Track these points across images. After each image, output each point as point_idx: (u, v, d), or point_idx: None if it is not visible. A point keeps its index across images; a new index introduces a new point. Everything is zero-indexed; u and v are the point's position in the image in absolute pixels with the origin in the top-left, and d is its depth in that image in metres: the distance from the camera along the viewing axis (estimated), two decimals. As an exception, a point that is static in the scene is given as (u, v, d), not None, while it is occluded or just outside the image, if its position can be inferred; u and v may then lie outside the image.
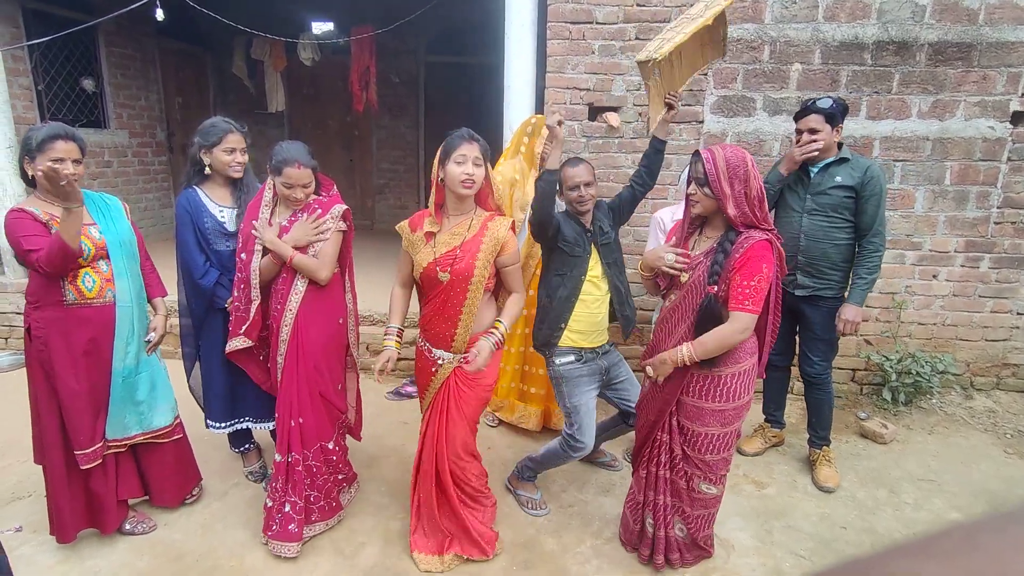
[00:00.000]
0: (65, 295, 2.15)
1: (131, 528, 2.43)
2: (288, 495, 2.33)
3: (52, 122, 2.18)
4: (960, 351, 3.76)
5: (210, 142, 2.43)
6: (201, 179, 2.51)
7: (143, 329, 2.35)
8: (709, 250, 2.00)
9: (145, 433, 2.40)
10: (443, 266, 2.09)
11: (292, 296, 2.28)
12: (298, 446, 2.33)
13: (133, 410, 2.35)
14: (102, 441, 2.29)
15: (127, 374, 2.29)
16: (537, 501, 2.68)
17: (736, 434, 2.11)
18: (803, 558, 2.39)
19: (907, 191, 3.54)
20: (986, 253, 3.61)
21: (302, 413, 2.32)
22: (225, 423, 2.70)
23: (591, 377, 2.49)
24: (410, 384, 3.82)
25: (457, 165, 2.04)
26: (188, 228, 2.46)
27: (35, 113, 4.84)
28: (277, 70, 6.87)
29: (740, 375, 2.02)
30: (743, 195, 1.90)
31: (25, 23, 4.79)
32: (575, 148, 3.55)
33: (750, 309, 1.89)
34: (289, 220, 2.30)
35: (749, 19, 3.38)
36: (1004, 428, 3.44)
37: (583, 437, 2.45)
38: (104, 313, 2.21)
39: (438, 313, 2.15)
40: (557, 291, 2.42)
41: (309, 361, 2.31)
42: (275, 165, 2.20)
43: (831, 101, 2.64)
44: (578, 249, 2.42)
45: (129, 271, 2.27)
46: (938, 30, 3.33)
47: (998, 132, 3.43)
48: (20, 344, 4.27)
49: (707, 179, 1.92)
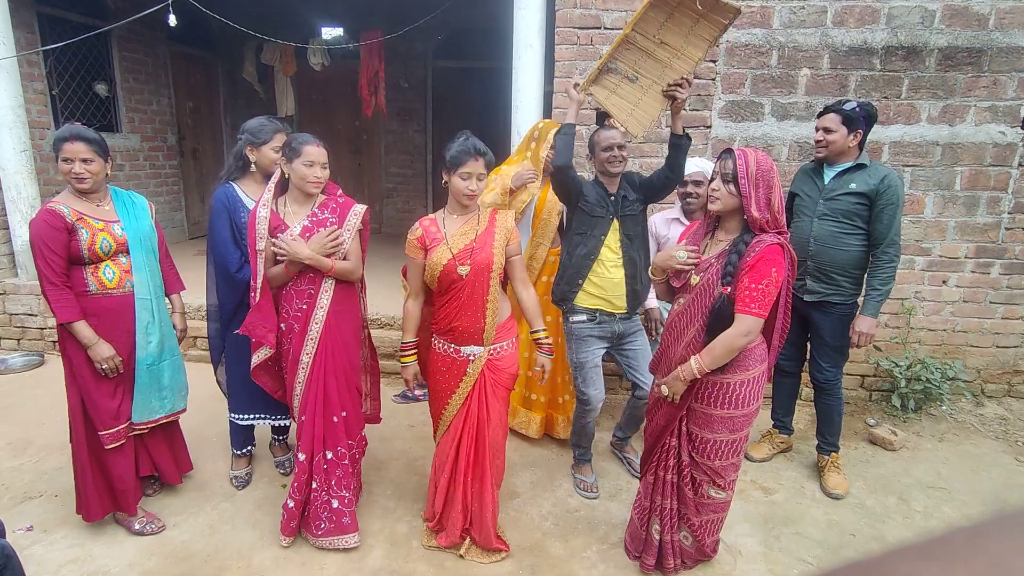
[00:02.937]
0: (88, 286, 2.27)
1: (140, 528, 2.46)
2: (333, 491, 2.36)
3: (69, 124, 2.28)
4: (970, 357, 3.73)
5: (260, 140, 2.51)
6: (239, 176, 2.57)
7: (164, 319, 2.48)
8: (720, 253, 2.00)
9: (169, 416, 2.55)
10: (461, 260, 2.15)
11: (322, 295, 2.30)
12: (343, 439, 2.38)
13: (158, 395, 2.48)
14: (127, 423, 2.41)
15: (151, 362, 2.43)
16: (590, 484, 2.81)
17: (745, 439, 2.11)
18: (811, 565, 2.38)
19: (917, 196, 3.52)
20: (997, 259, 3.58)
21: (344, 407, 2.39)
22: (248, 415, 2.75)
23: (600, 339, 2.65)
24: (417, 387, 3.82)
25: (462, 180, 2.13)
26: (224, 222, 2.51)
27: (49, 117, 4.90)
28: (287, 75, 6.92)
29: (749, 382, 2.01)
30: (766, 201, 1.90)
31: (40, 28, 4.86)
32: (582, 153, 3.55)
33: (755, 312, 1.88)
34: (309, 217, 2.28)
35: (757, 24, 3.38)
36: (1015, 436, 3.41)
37: (587, 388, 2.65)
38: (124, 302, 2.35)
39: (463, 309, 2.19)
40: (576, 249, 2.55)
41: (343, 356, 2.36)
42: (293, 147, 2.20)
43: (855, 104, 2.61)
44: (599, 210, 2.57)
45: (148, 265, 2.41)
46: (948, 35, 3.31)
47: (1009, 137, 3.41)
48: (33, 345, 4.32)
49: (735, 176, 1.92)
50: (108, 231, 2.28)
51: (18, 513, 2.55)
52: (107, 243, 2.26)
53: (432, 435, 2.49)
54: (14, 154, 4.04)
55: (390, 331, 4.06)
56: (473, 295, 2.18)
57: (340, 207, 2.33)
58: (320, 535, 2.36)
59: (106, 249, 2.26)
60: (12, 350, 4.35)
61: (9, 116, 4.00)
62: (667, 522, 2.20)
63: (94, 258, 2.26)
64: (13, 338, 4.39)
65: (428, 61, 7.15)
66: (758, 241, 1.90)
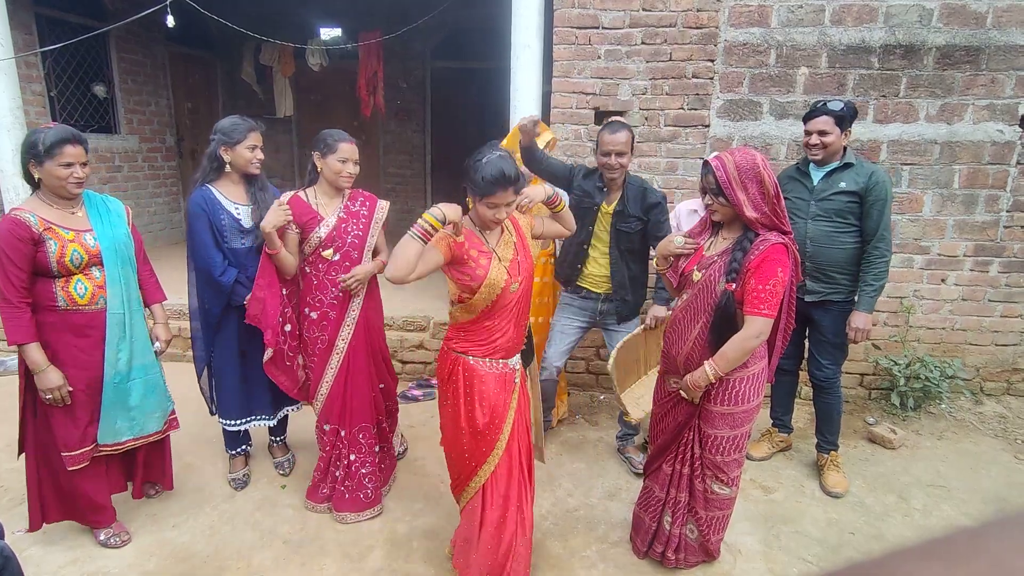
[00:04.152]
0: (57, 300, 2.13)
1: (105, 540, 2.38)
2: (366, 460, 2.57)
3: (56, 124, 2.15)
4: (969, 356, 3.73)
5: (233, 140, 2.46)
6: (215, 177, 2.52)
7: (136, 335, 2.31)
8: (724, 250, 2.00)
9: (136, 439, 2.37)
10: (513, 275, 1.97)
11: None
12: (382, 409, 2.66)
13: (125, 415, 2.31)
14: (92, 444, 2.27)
15: (118, 380, 2.26)
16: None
17: (747, 436, 2.11)
18: (810, 564, 2.38)
19: (915, 195, 3.52)
20: (996, 257, 3.59)
21: (382, 379, 2.68)
22: (240, 420, 2.73)
23: (580, 311, 2.90)
24: (416, 388, 3.83)
25: (489, 209, 1.87)
26: (204, 226, 2.46)
27: (48, 119, 4.89)
28: (285, 75, 6.92)
29: (749, 379, 2.02)
30: (759, 196, 1.89)
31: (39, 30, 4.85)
32: (581, 152, 3.56)
33: (765, 313, 1.88)
34: (343, 209, 2.51)
35: (755, 23, 3.38)
36: (1014, 434, 3.41)
37: (547, 350, 2.92)
38: (95, 319, 2.20)
39: (517, 321, 2.01)
40: (577, 235, 2.61)
41: (378, 336, 2.66)
42: (328, 144, 2.37)
43: (841, 104, 2.63)
44: (587, 200, 2.74)
45: (123, 277, 2.25)
46: (945, 33, 3.31)
47: (1007, 135, 3.41)
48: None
49: (720, 187, 1.91)
50: (79, 242, 2.12)
51: (18, 515, 2.55)
52: (78, 255, 2.11)
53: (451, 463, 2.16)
54: (12, 156, 4.03)
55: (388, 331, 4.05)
56: (524, 308, 2.04)
57: (368, 200, 2.57)
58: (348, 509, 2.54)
59: (77, 262, 2.11)
60: (12, 352, 4.35)
61: (7, 118, 3.99)
62: (679, 515, 2.21)
63: (63, 271, 2.10)
64: (12, 340, 4.39)
65: (427, 61, 7.15)
66: (762, 240, 1.90)
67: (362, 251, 2.52)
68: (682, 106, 3.49)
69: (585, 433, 3.34)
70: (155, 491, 2.67)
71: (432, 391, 3.78)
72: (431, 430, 3.20)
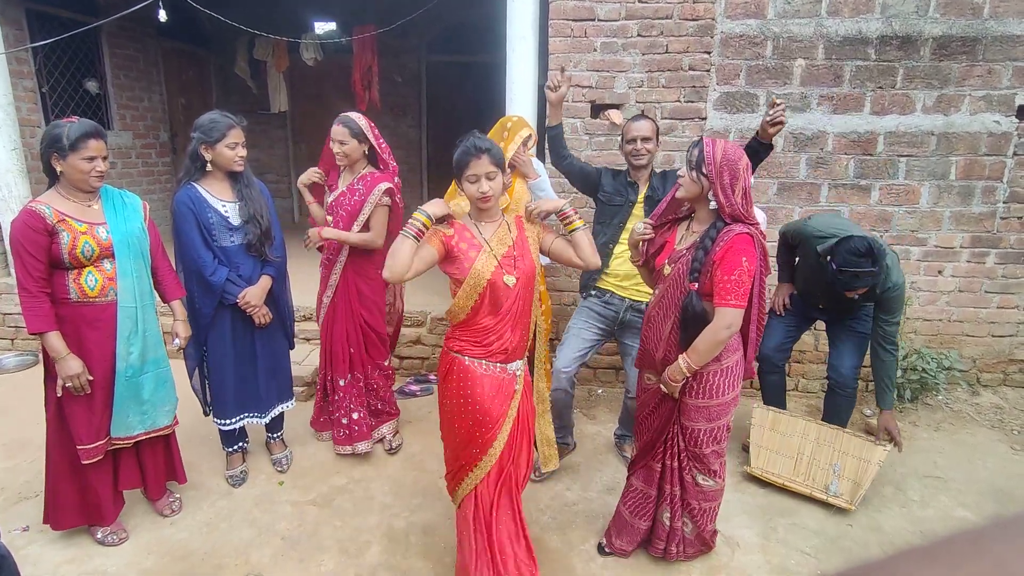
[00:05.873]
0: (69, 293, 2.16)
1: (102, 538, 2.37)
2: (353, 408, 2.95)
3: (77, 119, 2.16)
4: (966, 347, 3.74)
5: (213, 138, 2.42)
6: (199, 175, 2.49)
7: (148, 329, 2.32)
8: (692, 245, 2.01)
9: (148, 432, 2.39)
10: (507, 269, 1.93)
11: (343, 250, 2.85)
12: (360, 367, 2.97)
13: (137, 409, 2.33)
14: (106, 438, 2.29)
15: (131, 374, 2.28)
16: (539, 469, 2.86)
17: (727, 428, 2.12)
18: (808, 555, 2.39)
19: (912, 186, 3.52)
20: (992, 248, 3.59)
21: (351, 343, 2.94)
22: (233, 419, 2.71)
23: (599, 316, 2.75)
24: (414, 383, 3.83)
25: (470, 184, 1.91)
26: (191, 225, 2.43)
27: (40, 115, 4.85)
28: (279, 70, 6.87)
29: (724, 372, 2.02)
30: (730, 187, 1.91)
31: (29, 25, 4.80)
32: (578, 145, 3.54)
33: (734, 304, 1.88)
34: (349, 185, 2.80)
35: (752, 15, 3.36)
36: (1011, 424, 3.42)
37: (560, 349, 2.76)
38: (105, 311, 2.22)
39: (515, 323, 1.97)
40: (598, 238, 2.58)
41: (363, 307, 2.91)
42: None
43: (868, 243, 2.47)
44: (617, 199, 2.70)
45: (134, 271, 2.25)
46: (942, 24, 3.30)
47: (1004, 126, 3.41)
48: (27, 345, 4.30)
49: (702, 162, 1.92)
50: (91, 234, 2.14)
51: (14, 513, 2.54)
52: (89, 247, 2.13)
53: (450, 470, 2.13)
54: (4, 152, 4.00)
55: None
56: (524, 306, 1.99)
57: (371, 181, 2.74)
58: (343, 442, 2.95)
59: (88, 254, 2.13)
60: (6, 350, 4.33)
61: (-1, 114, 3.96)
62: (676, 509, 2.22)
63: (75, 263, 2.13)
64: (7, 338, 4.37)
65: (422, 56, 7.11)
66: (727, 231, 1.91)
67: (350, 224, 2.77)
68: (678, 98, 3.48)
69: (583, 427, 3.34)
70: (171, 511, 2.55)
71: (429, 387, 3.78)
72: (429, 425, 3.21)
